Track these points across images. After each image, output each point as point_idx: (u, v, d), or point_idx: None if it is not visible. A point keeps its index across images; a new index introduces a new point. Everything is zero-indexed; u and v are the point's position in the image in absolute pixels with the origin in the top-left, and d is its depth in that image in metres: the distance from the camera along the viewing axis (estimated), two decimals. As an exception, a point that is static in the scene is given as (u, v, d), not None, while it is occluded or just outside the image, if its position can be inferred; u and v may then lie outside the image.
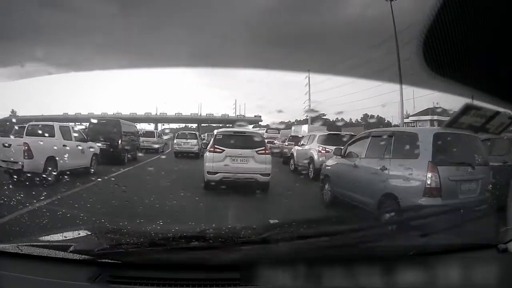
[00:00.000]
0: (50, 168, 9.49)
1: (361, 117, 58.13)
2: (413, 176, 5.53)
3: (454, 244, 2.42)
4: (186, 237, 2.51)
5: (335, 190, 7.83)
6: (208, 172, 9.32)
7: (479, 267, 1.95)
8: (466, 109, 1.09)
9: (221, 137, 9.79)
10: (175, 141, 21.63)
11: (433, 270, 1.87)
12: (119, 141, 15.56)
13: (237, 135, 10.01)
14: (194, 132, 25.08)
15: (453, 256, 2.06)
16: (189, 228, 3.23)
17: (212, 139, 10.03)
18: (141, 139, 21.22)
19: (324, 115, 53.75)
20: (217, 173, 9.24)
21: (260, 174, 9.30)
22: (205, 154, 9.98)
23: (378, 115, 56.62)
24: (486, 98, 1.21)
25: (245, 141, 9.73)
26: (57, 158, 9.83)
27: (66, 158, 10.18)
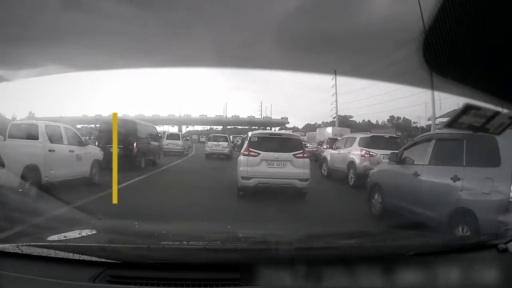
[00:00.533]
0: (30, 180, 7.42)
1: (388, 119, 58.15)
2: (494, 187, 4.66)
3: (454, 244, 2.43)
4: (187, 237, 2.52)
5: (387, 201, 6.85)
6: (242, 177, 8.75)
7: (479, 267, 1.95)
8: (466, 109, 1.09)
9: (256, 139, 9.23)
10: (206, 144, 23.13)
11: (433, 270, 1.87)
12: (134, 144, 14.00)
13: (273, 137, 9.58)
14: (225, 135, 26.68)
15: (453, 256, 2.06)
16: (189, 228, 3.23)
17: (247, 141, 9.51)
18: (166, 141, 21.06)
19: (350, 117, 53.74)
20: (251, 178, 8.66)
21: (298, 179, 8.73)
22: (238, 158, 9.42)
23: (404, 117, 56.66)
24: (486, 98, 1.21)
25: (282, 144, 9.19)
26: (40, 167, 7.92)
27: (53, 167, 8.33)
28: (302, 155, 8.98)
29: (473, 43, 0.99)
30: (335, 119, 45.85)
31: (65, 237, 2.24)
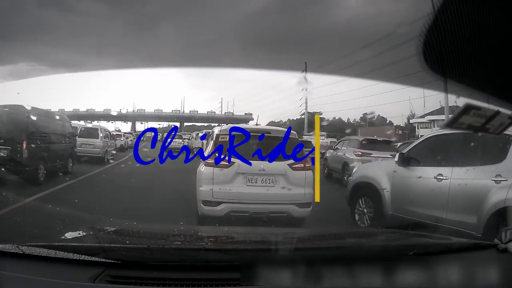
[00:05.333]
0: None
1: (361, 117, 58.18)
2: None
3: (454, 244, 2.43)
4: (187, 237, 2.52)
5: None
6: (205, 202, 5.59)
7: (479, 267, 1.95)
8: (466, 109, 1.09)
9: (227, 139, 5.83)
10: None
11: (433, 270, 1.87)
12: (24, 144, 9.12)
13: (256, 136, 5.93)
14: (179, 133, 31.38)
15: (453, 256, 2.07)
16: (189, 228, 3.24)
17: (212, 142, 6.15)
18: (78, 140, 14.62)
19: (320, 113, 53.38)
20: (220, 203, 5.52)
21: (296, 204, 5.66)
22: (198, 169, 6.03)
23: (378, 115, 56.57)
24: (486, 98, 1.21)
25: (270, 146, 5.81)
26: None
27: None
28: (302, 165, 5.86)
29: (474, 43, 1.00)
30: (303, 116, 44.98)
31: (65, 237, 2.24)
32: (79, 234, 2.29)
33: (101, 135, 16.42)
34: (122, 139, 26.26)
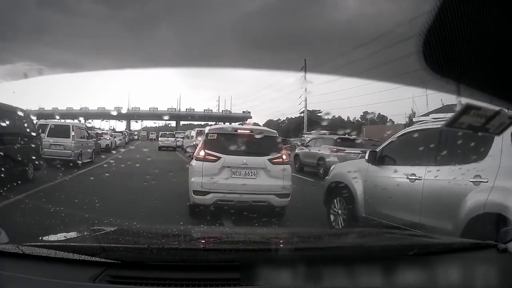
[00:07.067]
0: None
1: (361, 115, 58.09)
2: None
3: (454, 244, 2.43)
4: (186, 238, 2.52)
5: None
6: (195, 192, 6.32)
7: (479, 267, 1.95)
8: (466, 109, 1.09)
9: (215, 137, 6.68)
10: (159, 139, 28.90)
11: (433, 270, 1.87)
12: None
13: (240, 134, 6.90)
14: (172, 132, 32.94)
15: (453, 256, 2.07)
16: (189, 228, 3.24)
17: (202, 140, 7.01)
18: (46, 140, 12.49)
19: (319, 112, 53.20)
20: (209, 193, 6.24)
21: (276, 194, 6.34)
22: (191, 164, 6.89)
23: (379, 113, 56.49)
24: (486, 98, 1.21)
25: (253, 143, 6.63)
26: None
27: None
28: (281, 160, 6.55)
29: (474, 42, 0.99)
30: (302, 114, 44.63)
31: (65, 237, 2.24)
32: (79, 234, 2.29)
33: (73, 133, 13.67)
34: (107, 138, 23.17)
